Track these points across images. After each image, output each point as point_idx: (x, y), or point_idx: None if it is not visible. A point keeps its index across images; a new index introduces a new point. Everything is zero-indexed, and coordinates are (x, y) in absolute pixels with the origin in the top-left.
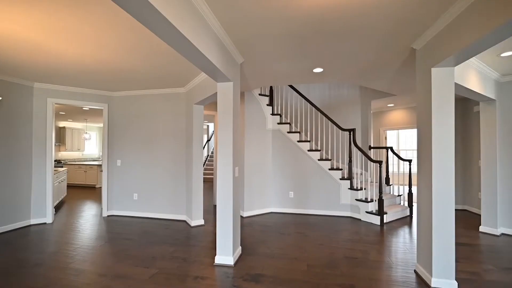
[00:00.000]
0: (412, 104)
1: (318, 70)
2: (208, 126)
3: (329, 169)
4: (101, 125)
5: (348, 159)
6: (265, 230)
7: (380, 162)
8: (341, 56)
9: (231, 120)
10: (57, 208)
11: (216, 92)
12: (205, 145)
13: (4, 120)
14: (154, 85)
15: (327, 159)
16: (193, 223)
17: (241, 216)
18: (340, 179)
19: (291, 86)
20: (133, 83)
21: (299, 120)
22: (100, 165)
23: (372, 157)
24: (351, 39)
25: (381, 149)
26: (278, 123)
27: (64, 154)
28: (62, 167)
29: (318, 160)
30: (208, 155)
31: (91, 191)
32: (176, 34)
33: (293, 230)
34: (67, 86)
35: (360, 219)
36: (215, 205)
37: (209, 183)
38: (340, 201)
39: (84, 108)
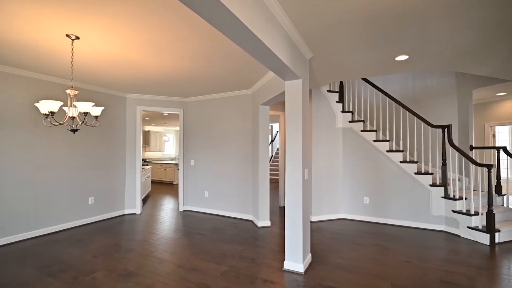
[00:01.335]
0: None
1: (401, 58)
2: (272, 126)
3: (415, 173)
4: (178, 128)
5: (441, 161)
6: (337, 238)
7: (489, 166)
8: (433, 39)
9: (300, 119)
10: (144, 201)
11: (283, 91)
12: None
13: (106, 126)
14: (223, 89)
15: (412, 161)
16: (260, 223)
17: None
18: (431, 185)
19: (364, 80)
20: (204, 88)
21: (375, 117)
22: (176, 164)
23: (475, 159)
24: (447, 17)
25: (487, 150)
26: (349, 121)
27: (148, 154)
28: (147, 165)
29: (401, 162)
30: (272, 156)
31: (169, 187)
32: (246, 33)
33: (370, 240)
34: (151, 94)
35: (459, 235)
36: (281, 207)
37: (273, 184)
38: (431, 211)
39: (164, 114)
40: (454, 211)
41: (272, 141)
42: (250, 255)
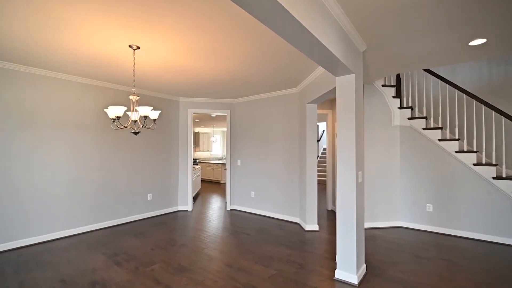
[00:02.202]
0: None
1: (477, 42)
2: (318, 125)
3: (494, 178)
4: (224, 129)
5: None
6: (394, 248)
7: None
8: None
9: (353, 118)
10: (194, 198)
11: (333, 88)
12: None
13: (162, 128)
14: (269, 89)
15: (489, 164)
16: (307, 227)
17: None
18: None
19: (426, 71)
20: (250, 89)
21: (440, 113)
22: (223, 164)
23: None
24: None
25: None
26: (408, 118)
27: (198, 154)
28: (197, 165)
29: (474, 165)
30: (318, 156)
31: (217, 186)
32: (296, 26)
33: (435, 254)
34: (200, 97)
35: None
36: (328, 210)
37: (320, 186)
38: None
39: (212, 115)
40: None
41: (318, 141)
42: (298, 259)
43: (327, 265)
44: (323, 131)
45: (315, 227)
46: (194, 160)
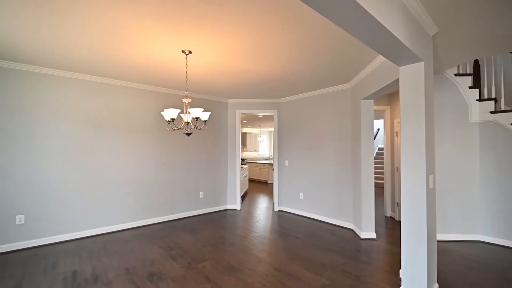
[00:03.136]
0: None
1: None
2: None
3: None
4: (270, 129)
5: None
6: (474, 266)
7: None
8: None
9: (423, 113)
10: (242, 197)
11: (395, 81)
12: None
13: (211, 129)
14: (318, 86)
15: None
16: (362, 234)
17: None
18: None
19: None
20: (299, 87)
21: None
22: (270, 164)
23: None
24: None
25: None
26: (491, 112)
27: (245, 154)
28: (245, 164)
29: None
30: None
31: (264, 186)
32: (358, 12)
33: None
34: (247, 98)
35: None
36: (387, 217)
37: (376, 189)
38: None
39: (259, 116)
40: None
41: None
42: (353, 270)
43: (388, 280)
44: (378, 129)
45: (372, 235)
46: (242, 160)
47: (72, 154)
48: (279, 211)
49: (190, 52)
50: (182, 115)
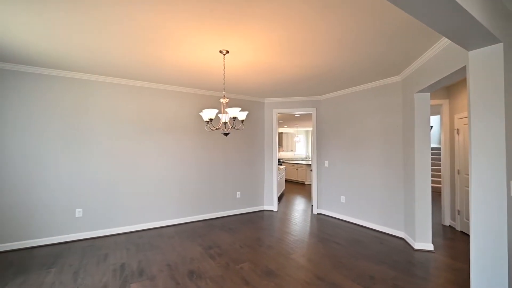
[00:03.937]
0: None
1: None
2: None
3: None
4: (307, 129)
5: None
6: None
7: None
8: None
9: (502, 105)
10: (279, 198)
11: (459, 69)
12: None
13: (248, 129)
14: (363, 80)
15: None
16: (416, 245)
17: None
18: None
19: None
20: (340, 83)
21: None
22: (307, 164)
23: None
24: None
25: None
26: None
27: (282, 154)
28: (281, 165)
29: None
30: None
31: (301, 187)
32: None
33: None
34: (284, 97)
35: None
36: (445, 226)
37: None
38: None
39: (296, 115)
40: None
41: None
42: (408, 286)
43: None
44: (431, 126)
45: (429, 246)
46: (278, 160)
47: (120, 155)
48: (318, 214)
49: (228, 52)
50: (220, 115)
